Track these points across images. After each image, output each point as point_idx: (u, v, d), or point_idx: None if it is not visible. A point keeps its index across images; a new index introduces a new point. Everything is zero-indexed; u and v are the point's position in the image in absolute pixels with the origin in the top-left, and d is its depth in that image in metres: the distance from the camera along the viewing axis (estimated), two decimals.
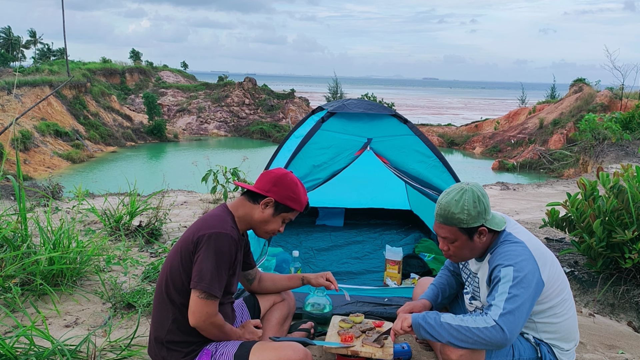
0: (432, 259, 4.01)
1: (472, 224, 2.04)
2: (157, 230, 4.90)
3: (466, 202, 2.03)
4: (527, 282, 1.94)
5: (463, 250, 2.12)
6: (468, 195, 2.04)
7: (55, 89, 28.32)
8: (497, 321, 1.89)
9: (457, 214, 2.03)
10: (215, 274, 1.98)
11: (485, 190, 2.12)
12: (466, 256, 2.16)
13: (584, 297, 3.79)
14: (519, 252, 2.00)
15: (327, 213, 5.49)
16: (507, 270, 1.97)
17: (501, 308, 1.91)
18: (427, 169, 3.37)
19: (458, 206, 2.03)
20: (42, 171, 21.46)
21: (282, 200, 2.15)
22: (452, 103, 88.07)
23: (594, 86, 27.57)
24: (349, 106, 3.54)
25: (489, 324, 1.90)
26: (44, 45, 55.75)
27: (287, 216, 2.20)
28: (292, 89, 43.61)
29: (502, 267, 1.98)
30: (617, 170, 3.83)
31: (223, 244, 2.01)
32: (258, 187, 2.18)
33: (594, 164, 13.08)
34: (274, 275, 2.54)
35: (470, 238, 2.08)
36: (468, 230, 2.06)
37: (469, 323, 1.93)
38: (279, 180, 2.15)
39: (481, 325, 1.90)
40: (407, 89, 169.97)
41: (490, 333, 1.88)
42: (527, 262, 1.98)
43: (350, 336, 2.45)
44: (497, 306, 1.93)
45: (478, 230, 2.07)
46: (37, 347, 2.43)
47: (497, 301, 1.94)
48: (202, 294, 1.97)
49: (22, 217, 3.60)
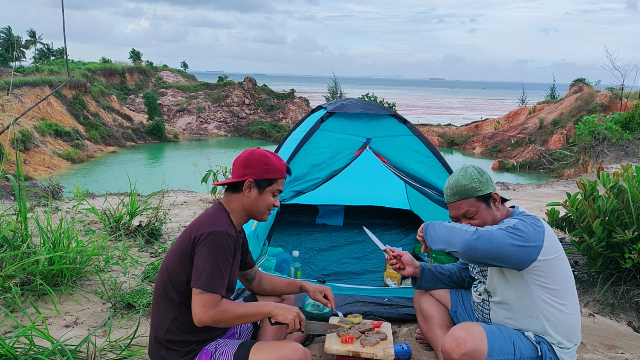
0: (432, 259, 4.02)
1: (485, 190, 2.19)
2: (157, 230, 4.90)
3: (472, 173, 2.21)
4: (524, 234, 2.01)
5: (487, 220, 2.21)
6: (470, 169, 2.24)
7: (55, 89, 28.33)
8: (478, 229, 2.03)
9: (469, 184, 2.19)
10: (214, 270, 1.98)
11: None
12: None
13: (584, 297, 3.79)
14: (532, 218, 2.12)
15: (326, 211, 5.49)
16: (512, 220, 2.09)
17: (489, 228, 2.04)
18: (426, 169, 3.37)
19: (467, 178, 2.20)
20: (42, 171, 21.46)
21: (259, 176, 2.15)
22: (452, 103, 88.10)
23: (594, 86, 27.57)
24: (348, 106, 3.55)
25: (471, 229, 2.04)
26: (44, 45, 55.79)
27: (273, 188, 2.19)
28: (292, 89, 43.62)
29: (511, 218, 2.13)
30: (617, 170, 3.83)
31: (221, 242, 2.01)
32: (233, 176, 2.19)
33: (594, 164, 13.08)
34: (273, 278, 2.53)
35: (488, 204, 2.21)
36: (484, 197, 2.19)
37: (458, 226, 2.11)
38: (247, 161, 2.16)
39: (464, 228, 2.07)
40: (408, 89, 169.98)
41: (466, 231, 2.03)
42: (535, 227, 2.06)
43: (351, 337, 2.45)
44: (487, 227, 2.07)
45: (492, 196, 2.21)
46: (37, 347, 2.43)
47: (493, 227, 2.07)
48: (201, 291, 1.96)
49: (23, 217, 3.60)
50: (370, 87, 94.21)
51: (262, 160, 2.16)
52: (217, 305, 1.97)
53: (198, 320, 1.97)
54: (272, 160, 2.18)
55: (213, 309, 1.96)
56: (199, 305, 1.95)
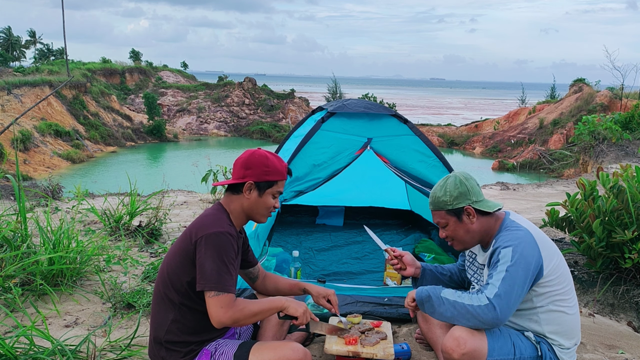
0: (432, 259, 4.01)
1: (456, 204, 2.16)
2: (157, 230, 4.90)
3: (449, 186, 2.19)
4: (525, 263, 1.99)
5: (458, 233, 2.20)
6: (451, 180, 2.21)
7: (55, 89, 28.32)
8: (490, 299, 1.95)
9: (441, 197, 2.19)
10: (222, 271, 1.97)
11: (471, 176, 2.23)
12: (466, 240, 2.22)
13: (584, 297, 3.79)
14: (520, 236, 2.06)
15: (327, 212, 5.49)
16: (506, 251, 2.03)
17: (496, 287, 1.97)
18: (427, 169, 3.37)
19: (442, 190, 2.20)
20: (42, 171, 21.45)
21: (260, 178, 2.13)
22: (452, 103, 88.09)
23: (593, 86, 27.56)
24: (349, 106, 3.55)
25: (482, 302, 1.96)
26: (44, 45, 55.79)
27: (274, 190, 2.18)
28: (292, 89, 43.62)
29: (502, 248, 2.05)
30: (616, 170, 3.83)
31: (223, 242, 2.00)
32: (234, 177, 2.18)
33: (594, 164, 13.08)
34: (277, 279, 2.52)
35: (459, 219, 2.18)
36: (454, 211, 2.17)
37: (465, 300, 2.01)
38: (248, 162, 2.14)
39: (475, 303, 1.98)
40: (408, 89, 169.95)
41: (483, 311, 1.95)
42: (527, 245, 2.03)
43: (355, 338, 2.45)
44: (493, 285, 1.99)
45: (465, 211, 2.16)
46: (37, 347, 2.43)
47: (494, 280, 2.00)
48: (216, 293, 1.95)
49: (22, 217, 3.60)
50: (370, 87, 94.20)
51: (263, 161, 2.14)
52: (234, 305, 1.97)
53: (218, 322, 1.96)
54: (273, 161, 2.16)
55: (231, 308, 1.96)
56: (218, 306, 1.95)
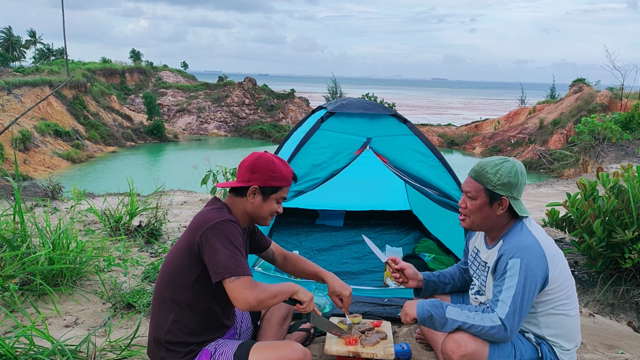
0: (432, 259, 4.01)
1: (498, 189, 2.09)
2: (157, 230, 4.90)
3: (504, 169, 2.09)
4: (533, 276, 1.97)
5: (477, 213, 2.14)
6: (508, 165, 2.11)
7: (55, 89, 28.31)
8: (503, 321, 1.95)
9: (489, 175, 2.10)
10: (235, 256, 1.95)
11: (525, 173, 2.15)
12: (479, 223, 2.17)
13: (584, 297, 3.78)
14: (528, 245, 2.03)
15: (327, 215, 5.48)
16: (513, 262, 1.99)
17: (507, 306, 1.96)
18: (426, 169, 3.36)
19: (494, 169, 2.10)
20: (42, 171, 21.45)
21: (265, 183, 2.12)
22: (452, 103, 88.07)
23: (593, 86, 27.55)
24: (348, 106, 3.54)
25: (495, 323, 1.96)
26: (44, 45, 55.78)
27: (278, 196, 2.17)
28: (292, 89, 43.61)
29: (510, 259, 2.01)
30: (617, 170, 3.83)
31: (229, 228, 2.00)
32: (238, 179, 2.16)
33: (594, 164, 13.07)
34: (298, 260, 2.49)
35: (490, 203, 2.12)
36: (491, 193, 2.10)
37: (474, 321, 1.99)
38: (254, 166, 2.12)
39: (487, 324, 1.97)
40: (408, 89, 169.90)
41: (495, 332, 1.96)
42: (535, 255, 2.00)
43: (355, 339, 2.45)
44: (504, 303, 1.97)
45: (500, 199, 2.10)
46: (37, 347, 2.43)
47: (504, 297, 1.98)
48: (235, 277, 1.92)
49: (20, 218, 3.60)
50: (370, 87, 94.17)
51: (269, 166, 2.12)
52: (257, 285, 1.96)
53: (244, 303, 1.92)
54: (280, 167, 2.15)
55: (255, 289, 1.94)
56: (242, 288, 1.91)
